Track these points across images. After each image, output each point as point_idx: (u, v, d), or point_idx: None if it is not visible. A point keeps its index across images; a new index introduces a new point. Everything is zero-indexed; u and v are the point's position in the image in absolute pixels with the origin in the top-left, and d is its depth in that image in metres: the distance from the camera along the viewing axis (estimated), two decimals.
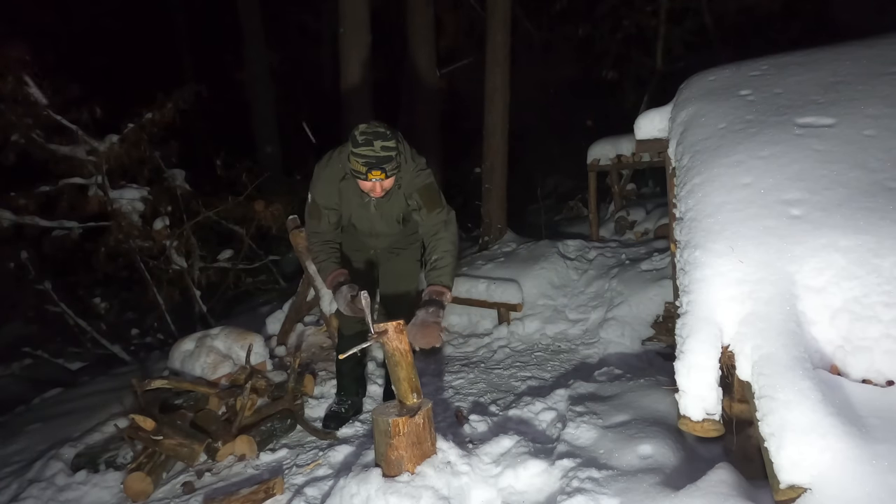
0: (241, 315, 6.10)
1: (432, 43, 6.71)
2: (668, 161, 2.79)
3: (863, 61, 2.63)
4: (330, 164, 2.65)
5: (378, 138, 2.36)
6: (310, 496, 2.45)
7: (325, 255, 2.75)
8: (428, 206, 2.60)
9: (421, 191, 2.60)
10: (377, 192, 2.52)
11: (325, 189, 2.66)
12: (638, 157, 5.29)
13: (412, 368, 2.26)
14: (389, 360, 2.26)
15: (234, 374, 3.39)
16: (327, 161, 2.67)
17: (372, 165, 2.37)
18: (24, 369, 5.98)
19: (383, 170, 2.39)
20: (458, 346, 4.33)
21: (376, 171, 2.38)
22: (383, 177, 2.41)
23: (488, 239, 5.88)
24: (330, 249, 2.77)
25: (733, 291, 1.94)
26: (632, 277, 4.23)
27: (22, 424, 3.98)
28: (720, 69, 3.03)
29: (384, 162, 2.38)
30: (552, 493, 2.16)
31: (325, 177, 2.65)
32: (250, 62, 9.94)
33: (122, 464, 2.84)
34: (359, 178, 2.46)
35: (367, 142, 2.35)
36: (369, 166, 2.37)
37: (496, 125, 5.84)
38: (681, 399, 1.87)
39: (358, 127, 2.40)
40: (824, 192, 2.06)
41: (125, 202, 5.60)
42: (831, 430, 1.55)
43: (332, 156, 2.66)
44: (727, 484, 1.82)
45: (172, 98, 5.83)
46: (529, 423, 2.88)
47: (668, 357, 3.13)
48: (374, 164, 2.37)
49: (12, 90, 5.11)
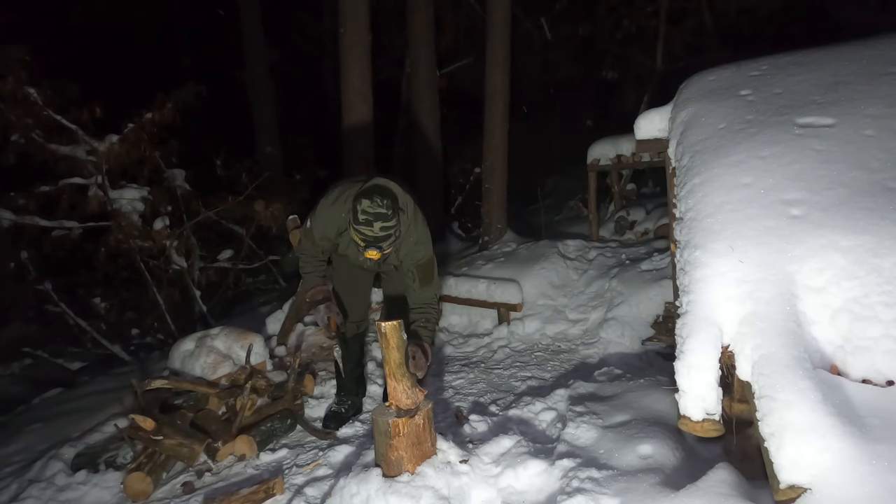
0: (241, 315, 6.09)
1: (432, 43, 6.70)
2: (668, 161, 2.79)
3: (863, 61, 2.63)
4: (335, 207, 2.67)
5: (379, 219, 2.39)
6: (310, 496, 2.45)
7: (311, 267, 2.87)
8: (422, 281, 2.71)
9: (419, 266, 2.68)
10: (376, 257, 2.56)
11: (325, 228, 2.73)
12: (638, 157, 5.28)
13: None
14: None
15: (234, 374, 3.39)
16: (333, 201, 2.69)
17: (369, 244, 2.44)
18: (24, 369, 5.97)
19: (380, 248, 2.46)
20: (458, 346, 4.33)
21: (372, 249, 2.45)
22: (379, 255, 2.49)
23: (488, 239, 5.88)
24: (317, 263, 2.88)
25: (733, 291, 1.94)
26: (632, 277, 4.23)
27: (22, 424, 3.98)
28: (720, 69, 3.03)
29: (381, 241, 2.44)
30: (552, 493, 2.16)
31: (328, 217, 2.70)
32: (250, 62, 9.93)
33: (122, 464, 2.83)
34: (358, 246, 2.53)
35: (367, 222, 2.39)
36: (367, 244, 2.45)
37: (496, 125, 5.83)
38: (681, 399, 1.87)
39: (362, 202, 2.41)
40: (824, 192, 2.06)
41: (125, 202, 5.59)
42: (831, 430, 1.55)
43: (338, 197, 2.68)
44: (727, 484, 1.82)
45: (172, 98, 5.83)
46: (529, 423, 2.88)
47: (668, 357, 3.13)
48: (371, 243, 2.44)
49: (12, 90, 5.11)
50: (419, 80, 6.68)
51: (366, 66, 5.74)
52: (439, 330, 4.58)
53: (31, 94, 5.18)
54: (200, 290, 6.11)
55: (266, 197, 6.59)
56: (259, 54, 9.88)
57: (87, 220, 5.68)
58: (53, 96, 5.35)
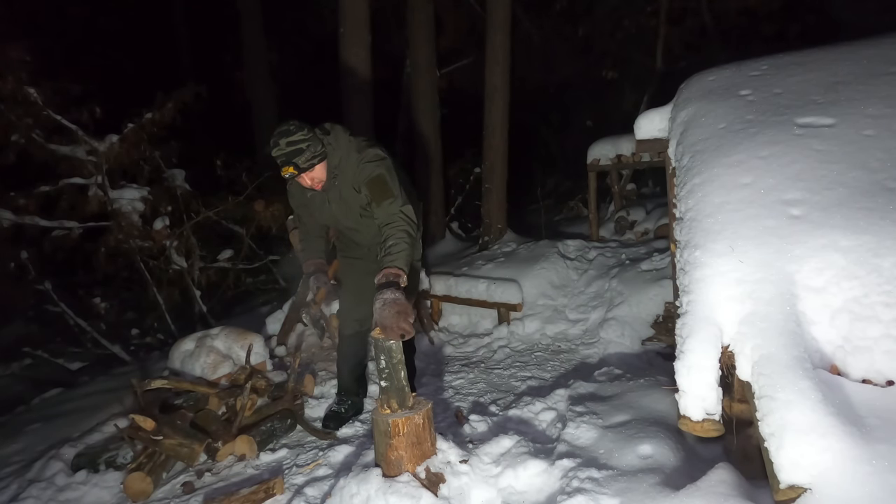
0: (241, 315, 6.09)
1: (432, 43, 6.70)
2: (668, 161, 2.79)
3: (863, 61, 2.63)
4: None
5: (283, 136, 2.51)
6: (310, 496, 2.45)
7: (309, 247, 3.08)
8: (377, 198, 2.60)
9: (368, 184, 2.65)
10: (316, 186, 2.70)
11: (291, 197, 2.96)
12: (638, 157, 5.29)
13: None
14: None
15: (234, 374, 3.39)
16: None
17: (283, 162, 2.54)
18: (24, 369, 5.98)
19: (295, 164, 2.53)
20: (458, 346, 4.33)
21: (288, 166, 2.54)
22: (296, 171, 2.56)
23: (488, 239, 5.89)
24: (315, 244, 3.07)
25: (733, 291, 1.94)
26: (632, 277, 4.23)
27: (22, 424, 3.98)
28: (720, 69, 3.03)
29: (293, 156, 2.52)
30: (552, 493, 2.16)
31: (290, 188, 2.93)
32: (250, 62, 9.93)
33: (122, 464, 2.84)
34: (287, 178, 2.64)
35: (274, 143, 2.52)
36: (281, 163, 2.55)
37: (496, 125, 5.84)
38: (681, 399, 1.87)
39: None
40: (824, 192, 2.06)
41: (125, 202, 5.59)
42: (831, 430, 1.55)
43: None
44: (727, 484, 1.82)
45: (172, 98, 5.83)
46: (529, 423, 2.88)
47: (668, 357, 3.13)
48: (284, 160, 2.53)
49: (12, 90, 5.11)
50: (419, 80, 6.68)
51: (366, 66, 5.75)
52: (439, 330, 4.58)
53: (31, 94, 5.18)
54: (200, 290, 6.11)
55: (266, 197, 6.59)
56: (259, 54, 9.88)
57: (87, 220, 5.68)
58: (53, 96, 5.35)
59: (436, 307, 4.72)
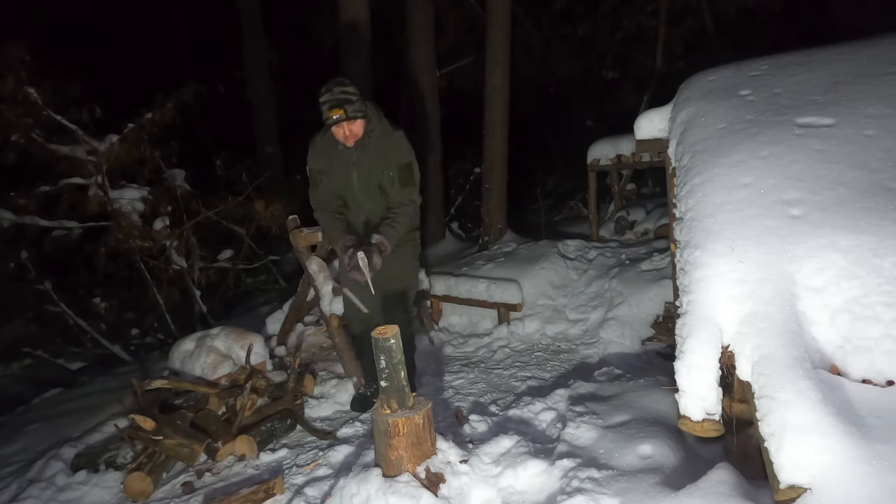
0: (241, 315, 6.09)
1: (432, 43, 6.69)
2: (668, 161, 2.78)
3: (863, 61, 2.63)
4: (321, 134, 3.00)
5: (337, 85, 2.74)
6: (310, 496, 2.45)
7: (331, 225, 3.04)
8: (402, 182, 2.90)
9: (401, 167, 2.88)
10: (350, 141, 2.83)
11: (315, 155, 3.01)
12: (638, 157, 5.28)
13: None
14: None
15: (234, 374, 3.39)
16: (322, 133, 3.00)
17: (333, 105, 2.70)
18: (24, 369, 5.98)
19: (344, 108, 2.70)
20: (458, 346, 4.33)
21: (338, 108, 2.70)
22: (344, 114, 2.69)
23: (488, 239, 5.88)
24: (336, 219, 3.04)
25: (733, 291, 1.94)
26: (632, 277, 4.23)
27: (22, 424, 3.98)
28: (720, 69, 3.03)
29: (344, 103, 2.70)
30: (552, 493, 2.16)
31: (317, 144, 3.01)
32: (250, 62, 9.93)
33: (122, 464, 2.84)
34: (329, 124, 2.78)
35: (327, 90, 2.74)
36: (329, 106, 2.71)
37: (496, 125, 5.83)
38: (681, 399, 1.87)
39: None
40: (824, 192, 2.06)
41: (125, 202, 5.60)
42: (831, 430, 1.55)
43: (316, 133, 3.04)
44: (727, 484, 1.82)
45: (172, 98, 5.83)
46: (529, 423, 2.88)
47: (668, 357, 3.13)
48: (335, 103, 2.69)
49: (12, 90, 5.11)
50: (419, 80, 6.68)
51: (366, 66, 5.75)
52: (439, 330, 4.58)
53: (31, 94, 5.18)
54: (200, 290, 6.12)
55: (266, 197, 6.60)
56: (259, 54, 9.88)
57: (87, 220, 5.68)
58: (53, 96, 5.35)
59: (436, 307, 4.72)
